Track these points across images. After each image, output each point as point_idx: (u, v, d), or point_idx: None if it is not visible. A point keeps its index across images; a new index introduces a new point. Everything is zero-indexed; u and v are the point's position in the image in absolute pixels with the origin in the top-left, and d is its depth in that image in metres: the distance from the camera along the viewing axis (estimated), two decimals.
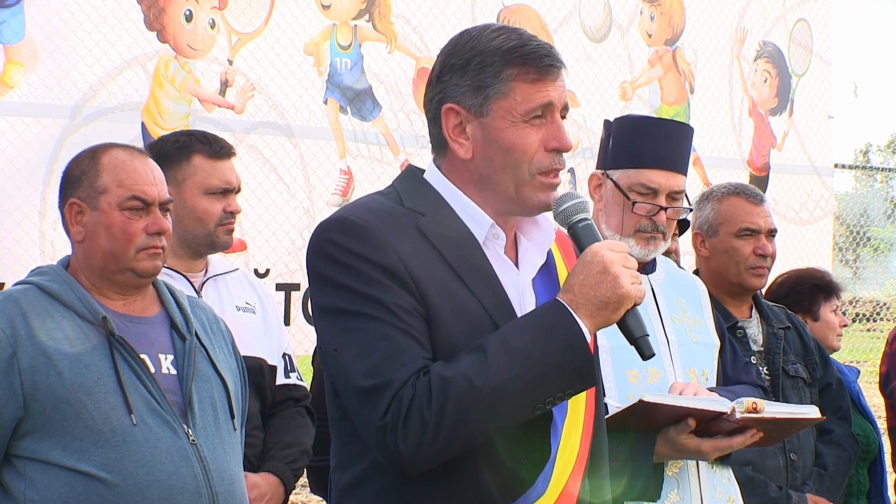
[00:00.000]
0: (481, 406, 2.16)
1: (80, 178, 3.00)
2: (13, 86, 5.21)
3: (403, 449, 2.15)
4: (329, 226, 2.30)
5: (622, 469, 3.01)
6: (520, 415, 2.21)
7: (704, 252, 4.16)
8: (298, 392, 3.92)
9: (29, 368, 2.79)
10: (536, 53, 2.32)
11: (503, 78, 2.30)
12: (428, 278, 2.24)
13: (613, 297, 2.22)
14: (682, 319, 3.38)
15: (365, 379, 2.19)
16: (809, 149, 8.12)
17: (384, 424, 2.16)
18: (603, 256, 2.24)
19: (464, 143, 2.34)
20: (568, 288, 2.25)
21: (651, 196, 3.29)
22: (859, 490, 4.47)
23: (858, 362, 11.79)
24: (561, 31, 7.01)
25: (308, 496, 8.58)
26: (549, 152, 2.32)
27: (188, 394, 2.95)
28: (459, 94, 2.33)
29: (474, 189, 2.36)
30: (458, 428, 2.15)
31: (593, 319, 2.22)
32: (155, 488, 2.81)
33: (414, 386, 2.16)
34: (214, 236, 3.75)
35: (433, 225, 2.31)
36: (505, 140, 2.31)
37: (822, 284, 4.83)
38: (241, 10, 5.89)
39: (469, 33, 2.37)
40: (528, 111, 2.31)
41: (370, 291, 2.21)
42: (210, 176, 3.74)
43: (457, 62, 2.34)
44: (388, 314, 2.20)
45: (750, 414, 2.98)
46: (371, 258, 2.23)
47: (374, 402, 2.17)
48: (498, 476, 2.24)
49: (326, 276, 2.27)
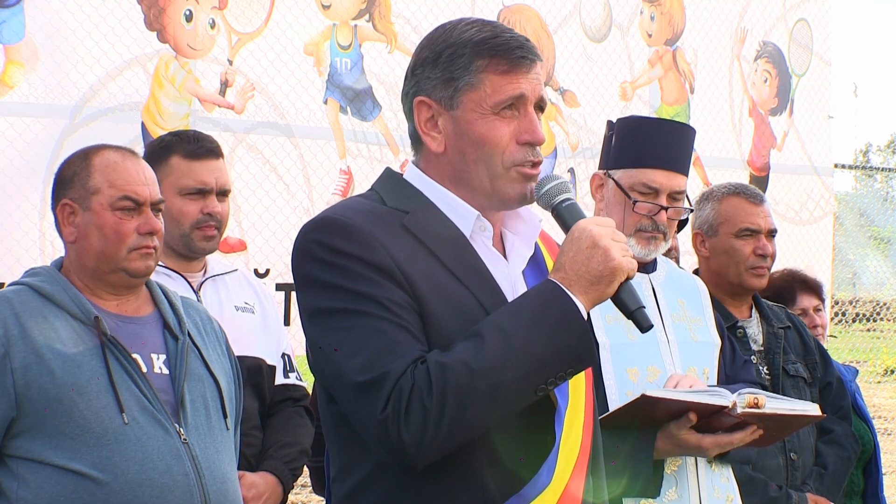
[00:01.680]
0: (482, 390, 2.12)
1: (72, 179, 3.01)
2: (13, 86, 5.21)
3: (407, 440, 2.11)
4: (313, 227, 2.27)
5: (622, 468, 3.01)
6: (522, 398, 2.18)
7: (704, 252, 4.16)
8: (298, 392, 3.92)
9: (21, 368, 2.80)
10: (508, 45, 2.28)
11: (473, 69, 2.27)
12: (419, 275, 2.22)
13: (606, 270, 2.19)
14: (682, 319, 3.38)
15: (360, 374, 2.15)
16: (809, 149, 8.12)
17: (385, 417, 2.12)
18: (591, 231, 2.21)
19: (436, 136, 2.32)
20: (559, 267, 2.21)
21: (652, 196, 3.30)
22: (853, 490, 4.47)
23: (858, 362, 11.79)
24: (561, 31, 7.01)
25: (308, 496, 8.58)
26: (521, 145, 2.29)
27: (180, 393, 2.96)
28: (430, 87, 2.30)
29: (451, 184, 2.33)
30: (460, 414, 2.12)
31: (587, 295, 2.19)
32: (146, 487, 2.82)
33: (412, 375, 2.12)
34: (190, 238, 3.69)
35: (418, 222, 2.28)
36: (475, 133, 2.28)
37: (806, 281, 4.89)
38: (242, 10, 5.89)
39: (444, 26, 2.36)
40: (498, 103, 2.27)
41: (360, 288, 2.18)
42: (184, 176, 3.68)
43: (429, 55, 2.32)
44: (380, 309, 2.17)
45: (751, 409, 2.99)
46: (359, 255, 2.20)
47: (373, 396, 2.13)
48: (501, 469, 2.21)
49: (313, 277, 2.23)
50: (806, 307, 4.82)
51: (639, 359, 3.21)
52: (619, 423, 3.03)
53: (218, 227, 3.74)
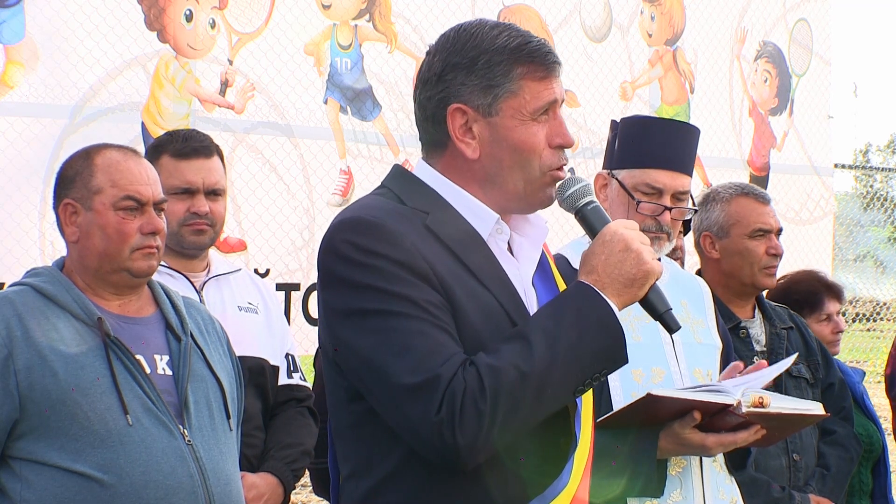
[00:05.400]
0: (531, 392, 2.15)
1: (74, 179, 3.00)
2: (13, 86, 5.20)
3: (462, 442, 2.12)
4: (342, 226, 2.25)
5: (622, 468, 3.01)
6: (563, 399, 2.22)
7: (714, 254, 4.14)
8: (301, 392, 3.91)
9: (24, 369, 2.79)
10: (541, 51, 2.31)
11: (513, 77, 2.29)
12: (448, 276, 2.22)
13: (639, 273, 2.23)
14: (685, 320, 3.37)
15: (410, 376, 2.14)
16: (809, 149, 8.13)
17: (440, 419, 2.12)
18: (623, 235, 2.25)
19: (470, 142, 2.32)
20: (591, 269, 2.24)
21: (656, 196, 3.29)
22: (862, 490, 4.47)
23: (858, 362, 11.78)
24: (561, 31, 7.01)
25: (308, 496, 8.57)
26: (553, 149, 2.32)
27: (184, 394, 2.95)
28: (466, 94, 2.30)
29: (478, 187, 2.34)
30: (510, 416, 2.14)
31: (620, 297, 2.23)
32: (151, 488, 2.81)
33: (464, 378, 2.13)
34: (179, 235, 3.68)
35: (439, 223, 2.29)
36: (515, 139, 2.30)
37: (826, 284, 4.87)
38: (242, 10, 5.88)
39: (468, 31, 2.34)
40: (537, 109, 2.30)
41: (396, 289, 2.18)
42: (171, 176, 3.66)
43: (461, 61, 2.31)
44: (419, 310, 2.17)
45: (756, 408, 2.98)
46: (392, 256, 2.19)
47: (426, 399, 2.13)
48: (526, 469, 2.24)
49: (345, 277, 2.22)
50: (831, 312, 4.81)
51: (643, 360, 3.20)
52: (622, 423, 3.02)
53: (210, 224, 3.73)
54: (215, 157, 3.79)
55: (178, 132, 3.89)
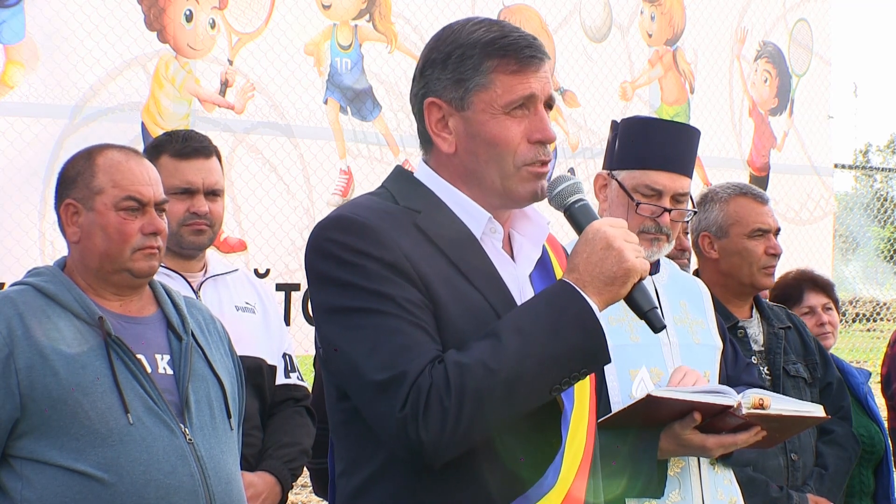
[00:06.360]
0: (499, 390, 2.13)
1: (76, 179, 3.00)
2: (13, 86, 5.21)
3: (425, 439, 2.12)
4: (328, 224, 2.27)
5: (622, 469, 3.01)
6: (537, 398, 2.19)
7: (713, 254, 4.15)
8: (299, 392, 3.91)
9: (25, 369, 2.80)
10: (517, 44, 2.29)
11: (483, 70, 2.28)
12: (433, 275, 2.22)
13: (620, 271, 2.20)
14: (684, 321, 3.37)
15: (379, 373, 2.15)
16: (809, 149, 8.13)
17: (404, 416, 2.12)
18: (605, 232, 2.22)
19: (447, 137, 2.32)
20: (573, 267, 2.23)
21: (656, 197, 3.29)
22: (863, 491, 4.46)
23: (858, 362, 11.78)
24: (561, 31, 7.01)
25: (308, 496, 8.58)
26: (532, 144, 2.30)
27: (185, 393, 2.95)
28: (441, 88, 2.31)
29: (463, 184, 2.34)
30: (477, 414, 2.13)
31: (601, 296, 2.20)
32: (152, 488, 2.82)
33: (430, 375, 2.13)
34: (179, 235, 3.68)
35: (430, 222, 2.29)
36: (487, 133, 2.29)
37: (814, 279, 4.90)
38: (242, 10, 5.88)
39: (451, 27, 2.36)
40: (509, 103, 2.28)
41: (376, 287, 2.19)
42: (171, 176, 3.66)
43: (438, 56, 2.32)
44: (397, 308, 2.18)
45: (756, 410, 2.98)
46: (374, 254, 2.20)
47: (392, 395, 2.14)
48: (505, 470, 2.23)
49: (329, 275, 2.24)
50: (813, 305, 4.81)
51: (641, 360, 3.21)
52: (622, 424, 3.02)
53: (209, 224, 3.74)
54: (214, 157, 3.80)
55: (176, 132, 3.90)
